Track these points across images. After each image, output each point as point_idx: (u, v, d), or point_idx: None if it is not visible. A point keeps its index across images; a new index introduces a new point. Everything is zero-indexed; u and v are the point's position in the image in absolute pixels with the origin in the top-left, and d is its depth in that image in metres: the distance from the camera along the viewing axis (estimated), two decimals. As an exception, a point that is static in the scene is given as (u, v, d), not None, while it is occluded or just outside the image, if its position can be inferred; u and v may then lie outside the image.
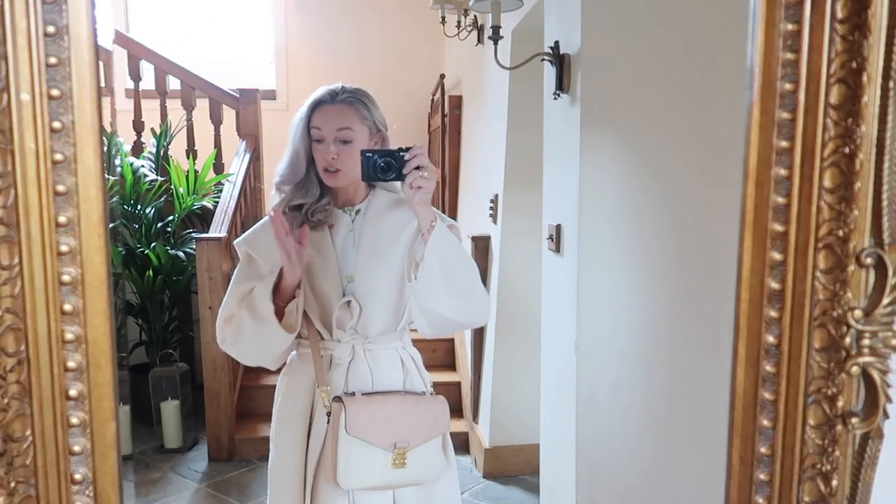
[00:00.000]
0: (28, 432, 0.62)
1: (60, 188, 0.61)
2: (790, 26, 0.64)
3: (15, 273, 0.61)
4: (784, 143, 0.65)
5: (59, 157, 0.61)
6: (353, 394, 1.40)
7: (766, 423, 0.68)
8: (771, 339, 0.67)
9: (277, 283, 1.38)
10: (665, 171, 1.79)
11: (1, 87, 0.59)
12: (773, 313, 0.67)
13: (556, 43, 1.93)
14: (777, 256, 0.66)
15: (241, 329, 1.42)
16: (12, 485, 0.62)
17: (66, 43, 0.60)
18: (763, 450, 0.68)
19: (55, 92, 0.60)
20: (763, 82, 0.65)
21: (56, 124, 0.60)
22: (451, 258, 1.35)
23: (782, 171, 0.66)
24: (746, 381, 0.68)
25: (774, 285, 0.67)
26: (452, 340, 3.89)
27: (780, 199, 0.66)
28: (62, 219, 0.61)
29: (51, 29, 0.59)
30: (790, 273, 0.66)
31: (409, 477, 1.40)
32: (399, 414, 1.40)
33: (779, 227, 0.66)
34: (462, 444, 3.41)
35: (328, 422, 1.39)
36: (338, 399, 1.38)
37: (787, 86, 0.65)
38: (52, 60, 0.60)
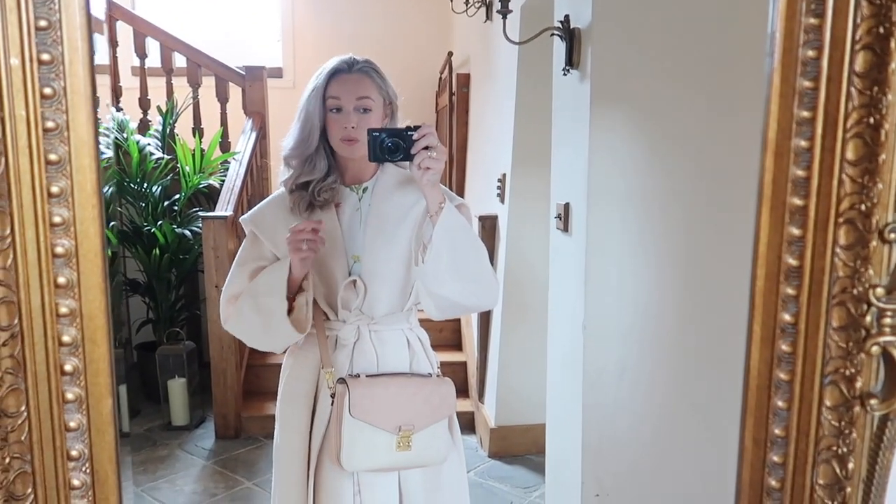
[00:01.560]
0: (23, 408, 0.61)
1: (52, 157, 0.59)
2: (814, -11, 0.61)
3: (7, 244, 0.59)
4: (805, 113, 0.62)
5: (50, 124, 0.59)
6: (357, 376, 1.39)
7: (780, 403, 0.66)
8: (787, 317, 0.65)
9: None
10: (677, 148, 1.76)
11: (-11, 51, 0.57)
12: (790, 291, 0.64)
13: (567, 17, 1.89)
14: (795, 232, 0.64)
15: (243, 317, 1.41)
16: (7, 461, 0.61)
17: (57, 5, 0.58)
18: (777, 431, 0.66)
19: (45, 56, 0.58)
20: (784, 49, 0.62)
21: (47, 90, 0.58)
22: (460, 241, 1.33)
23: (803, 143, 0.63)
24: (761, 360, 0.66)
25: (792, 262, 0.64)
26: (459, 320, 3.88)
27: (800, 172, 0.63)
28: (55, 189, 0.59)
29: (40, -10, 0.57)
30: (809, 249, 0.64)
31: (414, 459, 1.39)
32: (404, 396, 1.38)
33: (798, 201, 0.63)
34: (468, 423, 3.41)
35: (332, 403, 1.38)
36: (342, 381, 1.37)
37: (810, 52, 0.61)
38: (42, 23, 0.57)
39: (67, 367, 0.61)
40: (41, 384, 0.61)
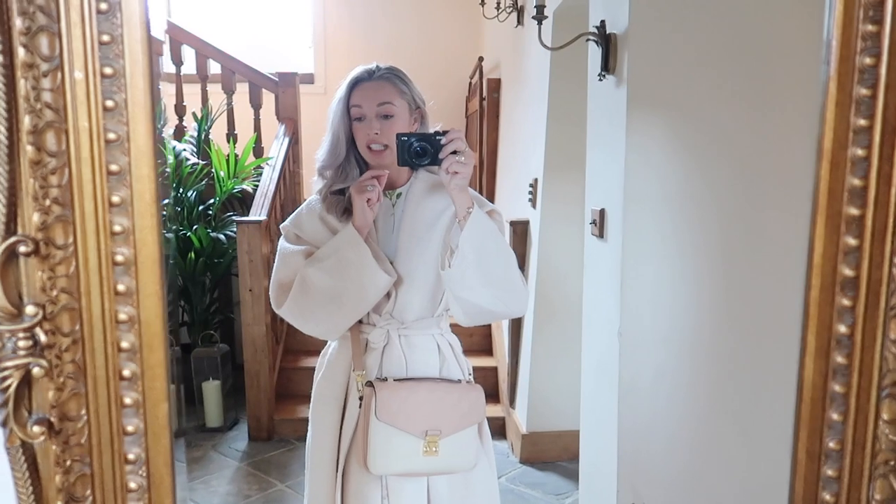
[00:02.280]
0: (83, 411, 0.62)
1: (114, 167, 0.61)
2: (872, -4, 0.60)
3: (69, 253, 0.61)
4: (862, 122, 0.61)
5: (112, 136, 0.60)
6: (385, 379, 1.39)
7: (835, 416, 0.65)
8: (843, 328, 0.64)
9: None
10: (717, 154, 1.74)
11: (55, 65, 0.58)
12: (846, 301, 0.63)
13: (602, 22, 1.88)
14: (852, 242, 0.63)
15: (308, 288, 1.38)
16: (68, 463, 0.62)
17: (119, 20, 0.59)
18: (832, 444, 0.65)
19: (108, 70, 0.59)
20: (841, 56, 0.61)
21: (109, 103, 0.60)
22: (488, 247, 1.32)
23: (860, 152, 0.62)
24: (815, 372, 0.65)
25: (848, 272, 0.63)
26: (489, 325, 3.88)
27: (857, 181, 0.62)
28: (115, 198, 0.61)
29: (103, 6, 0.59)
30: (865, 259, 0.63)
31: (442, 465, 1.39)
32: (431, 401, 1.38)
33: (854, 211, 0.62)
34: (498, 429, 3.41)
35: (360, 406, 1.39)
36: (370, 384, 1.38)
37: (868, 60, 0.61)
38: (105, 38, 0.59)
39: (126, 373, 0.63)
40: (100, 389, 0.63)
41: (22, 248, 0.58)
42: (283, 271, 1.43)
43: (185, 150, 3.80)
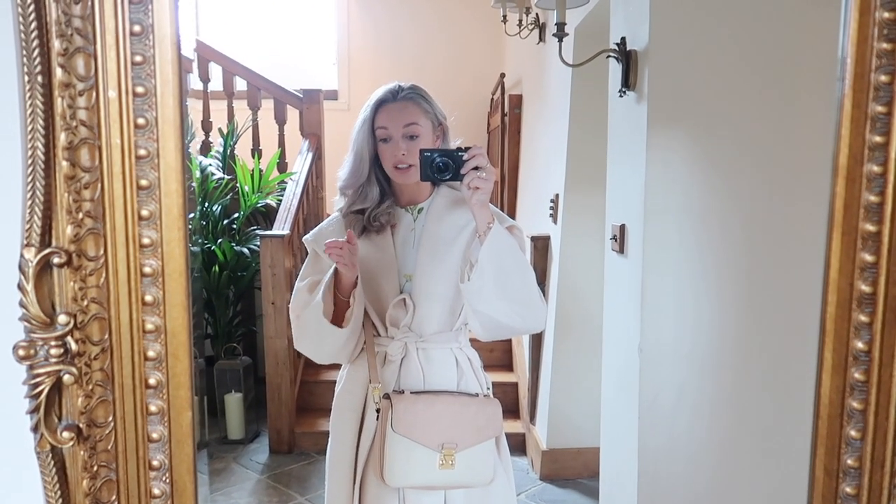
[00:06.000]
0: (110, 418, 0.64)
1: (143, 182, 0.63)
2: (886, 14, 0.60)
3: (100, 264, 0.63)
4: (878, 138, 0.62)
5: (142, 152, 0.63)
6: (402, 391, 1.40)
7: (853, 433, 0.64)
8: (860, 344, 0.64)
9: (336, 280, 1.40)
10: (737, 170, 1.73)
11: (90, 85, 0.61)
12: (864, 318, 0.63)
13: (623, 39, 1.89)
14: (868, 258, 0.63)
15: (307, 328, 1.44)
16: (95, 468, 0.64)
17: (151, 42, 0.62)
18: (850, 461, 0.65)
19: (140, 89, 0.62)
20: (856, 74, 0.62)
21: (140, 120, 0.62)
22: (507, 262, 1.34)
23: (875, 168, 0.62)
24: (832, 388, 0.65)
25: (865, 288, 0.63)
26: (510, 341, 3.87)
27: (873, 198, 0.62)
28: (144, 212, 0.63)
29: (137, 28, 0.61)
30: (883, 275, 0.63)
31: (458, 479, 1.39)
32: (448, 414, 1.39)
33: (871, 227, 0.62)
34: (518, 445, 3.39)
35: (378, 418, 1.40)
36: (387, 396, 1.39)
37: (883, 77, 0.61)
38: (138, 58, 0.62)
39: (151, 381, 0.65)
40: (127, 396, 0.65)
41: (55, 260, 0.61)
42: (293, 304, 1.49)
43: (210, 164, 3.86)
